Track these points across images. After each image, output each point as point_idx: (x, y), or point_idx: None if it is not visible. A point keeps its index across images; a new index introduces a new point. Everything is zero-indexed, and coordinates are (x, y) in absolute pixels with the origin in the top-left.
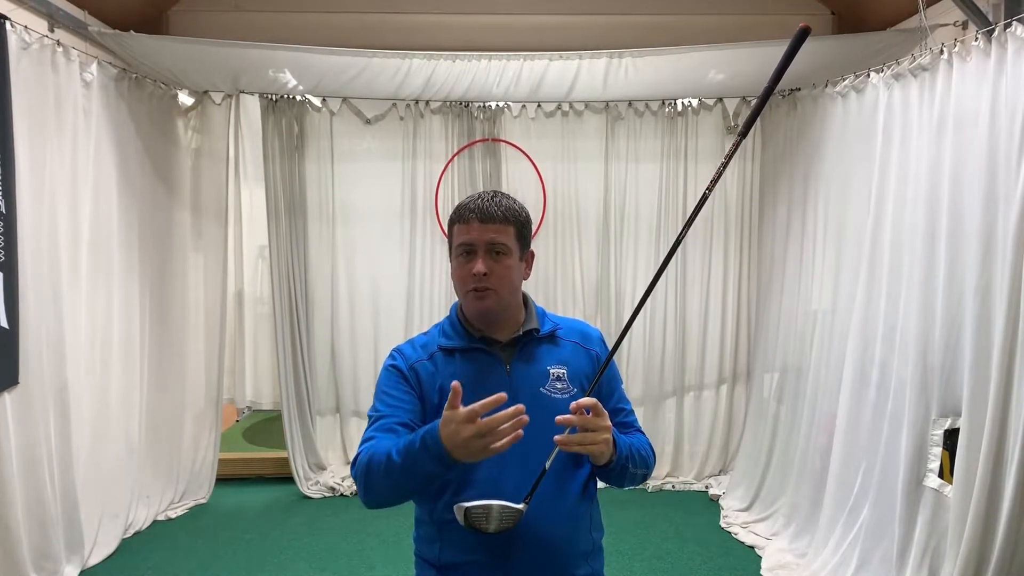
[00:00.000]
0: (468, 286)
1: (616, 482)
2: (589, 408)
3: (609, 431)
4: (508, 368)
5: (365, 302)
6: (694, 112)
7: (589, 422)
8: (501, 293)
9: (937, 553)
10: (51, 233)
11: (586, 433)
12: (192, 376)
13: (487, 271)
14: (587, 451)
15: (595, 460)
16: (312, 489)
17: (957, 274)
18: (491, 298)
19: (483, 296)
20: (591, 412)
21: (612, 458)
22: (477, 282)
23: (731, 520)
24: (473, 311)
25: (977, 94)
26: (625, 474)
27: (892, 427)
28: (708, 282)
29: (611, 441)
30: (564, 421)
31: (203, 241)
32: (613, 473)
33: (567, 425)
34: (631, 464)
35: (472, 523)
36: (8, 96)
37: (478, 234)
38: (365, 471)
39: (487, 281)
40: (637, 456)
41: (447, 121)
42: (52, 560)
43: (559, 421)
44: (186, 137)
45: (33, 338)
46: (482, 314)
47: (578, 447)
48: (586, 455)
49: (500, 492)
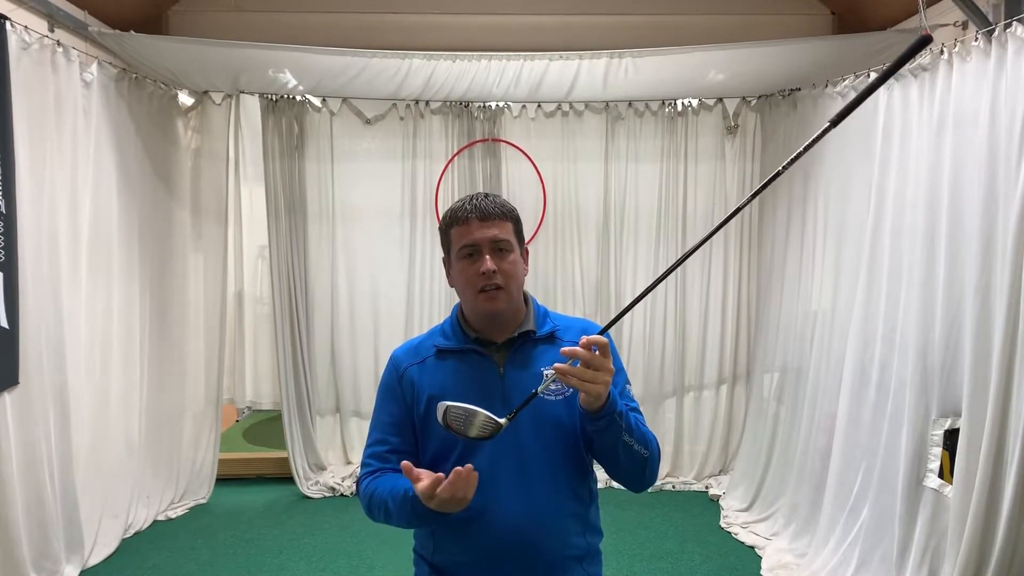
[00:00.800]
0: (477, 286)
1: (612, 455)
2: (597, 346)
3: (611, 375)
4: (502, 370)
5: (365, 302)
6: (694, 112)
7: (593, 359)
8: (510, 290)
9: (937, 553)
10: (51, 233)
11: (586, 369)
12: (192, 376)
13: (495, 269)
14: (582, 388)
15: (587, 405)
16: (312, 489)
17: (957, 274)
18: (502, 298)
19: (494, 296)
20: (598, 351)
21: (604, 406)
22: (487, 280)
23: (731, 520)
24: (484, 312)
25: (977, 94)
26: (619, 440)
27: (892, 427)
28: (708, 282)
29: (608, 390)
30: (569, 352)
31: (203, 241)
32: (606, 435)
33: (572, 358)
34: (627, 431)
35: (449, 423)
36: (8, 96)
37: (480, 233)
38: (367, 507)
39: (496, 278)
40: (634, 425)
41: (447, 121)
42: (52, 560)
43: (564, 352)
44: (186, 137)
45: (33, 338)
46: (494, 315)
47: (576, 380)
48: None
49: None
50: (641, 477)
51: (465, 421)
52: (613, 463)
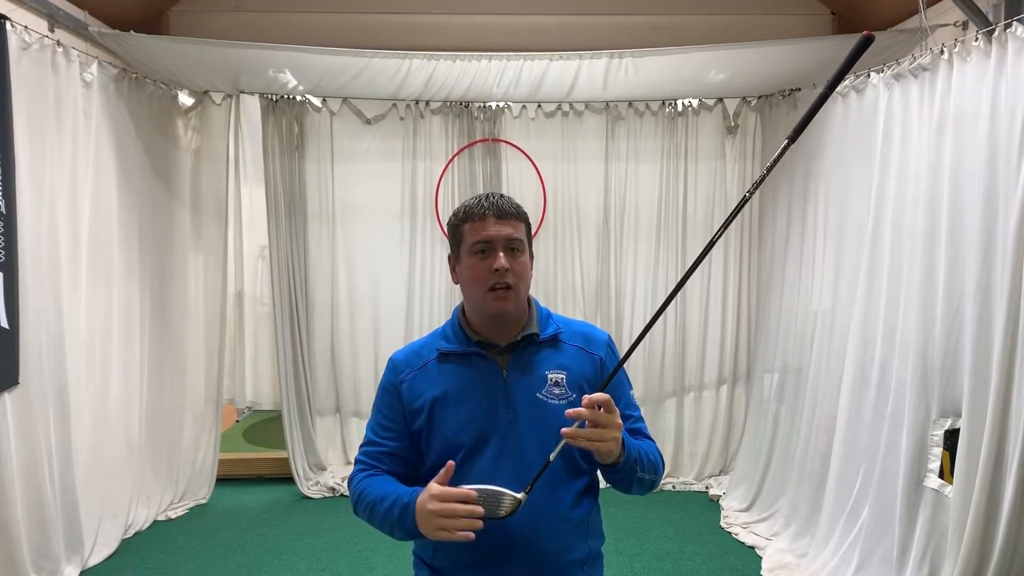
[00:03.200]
0: (487, 284)
1: (623, 486)
2: (601, 404)
3: (620, 429)
4: (504, 374)
5: (365, 302)
6: (694, 112)
7: (600, 418)
8: (520, 290)
9: (937, 553)
10: (51, 233)
11: (595, 429)
12: (192, 376)
13: (508, 267)
14: (595, 448)
15: (602, 459)
16: (312, 489)
17: (957, 274)
18: (511, 298)
19: (504, 296)
20: (603, 408)
21: (620, 458)
22: (499, 278)
23: (731, 520)
24: (491, 312)
25: (977, 94)
26: (633, 477)
27: (892, 427)
28: (708, 282)
29: (620, 440)
30: (574, 414)
31: (203, 241)
32: (620, 475)
33: (577, 419)
34: (639, 468)
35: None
36: (8, 96)
37: (496, 230)
38: (356, 502)
39: (508, 277)
40: (646, 460)
41: (447, 121)
42: (52, 560)
43: (569, 415)
44: (186, 137)
45: (33, 338)
46: (501, 316)
47: (586, 443)
48: (590, 455)
49: None
50: (645, 493)
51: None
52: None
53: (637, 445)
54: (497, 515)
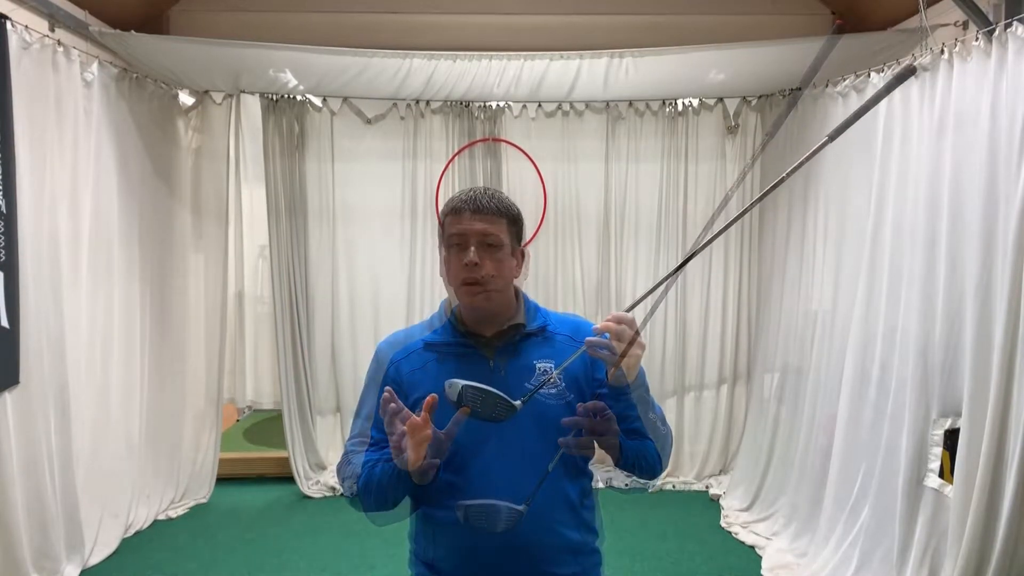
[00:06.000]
0: (460, 277)
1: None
2: (597, 412)
3: (616, 436)
4: (492, 364)
5: (365, 302)
6: (694, 112)
7: (596, 426)
8: (491, 287)
9: (937, 553)
10: (51, 233)
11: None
12: (192, 376)
13: (478, 262)
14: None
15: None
16: (313, 489)
17: (957, 274)
18: (481, 294)
19: (474, 292)
20: (599, 416)
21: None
22: (468, 273)
23: (731, 520)
24: (465, 305)
25: (977, 94)
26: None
27: (892, 427)
28: (708, 282)
29: (618, 447)
30: (571, 423)
31: (203, 241)
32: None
33: (574, 427)
34: (637, 472)
35: (472, 522)
36: (8, 96)
37: (470, 225)
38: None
39: (478, 272)
40: (644, 463)
41: (447, 121)
42: (52, 560)
43: (566, 423)
44: (186, 137)
45: (33, 338)
46: (473, 310)
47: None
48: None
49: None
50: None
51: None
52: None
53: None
54: (495, 529)
